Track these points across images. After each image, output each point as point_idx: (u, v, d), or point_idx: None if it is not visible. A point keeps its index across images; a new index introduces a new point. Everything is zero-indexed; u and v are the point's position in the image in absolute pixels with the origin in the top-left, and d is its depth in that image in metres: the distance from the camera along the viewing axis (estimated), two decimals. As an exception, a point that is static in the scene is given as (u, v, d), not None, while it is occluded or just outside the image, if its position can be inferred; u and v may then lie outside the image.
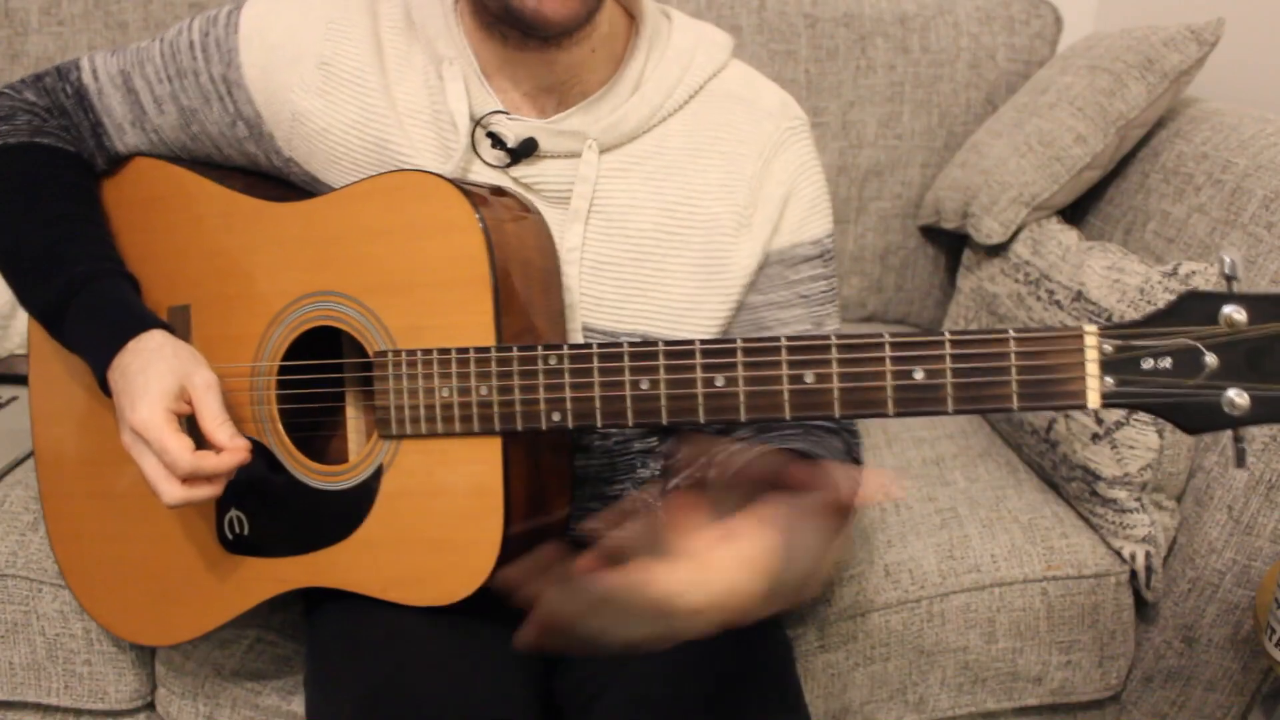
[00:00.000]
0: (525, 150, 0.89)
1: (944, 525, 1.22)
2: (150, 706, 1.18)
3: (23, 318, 1.48)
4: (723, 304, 0.93)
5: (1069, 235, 1.38)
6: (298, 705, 1.08)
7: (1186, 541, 1.20)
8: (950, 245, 1.71)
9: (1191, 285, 1.14)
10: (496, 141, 0.89)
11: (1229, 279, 0.66)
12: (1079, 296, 1.26)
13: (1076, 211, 1.52)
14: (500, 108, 0.89)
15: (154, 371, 0.84)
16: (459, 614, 0.83)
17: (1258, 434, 1.11)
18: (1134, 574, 1.19)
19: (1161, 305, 0.67)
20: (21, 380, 1.44)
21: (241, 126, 0.94)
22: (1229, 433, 0.69)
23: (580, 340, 0.90)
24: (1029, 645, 1.18)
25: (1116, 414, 1.15)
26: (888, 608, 1.16)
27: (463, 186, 0.82)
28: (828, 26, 1.67)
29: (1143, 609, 1.22)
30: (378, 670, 0.82)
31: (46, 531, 1.05)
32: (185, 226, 0.95)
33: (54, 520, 1.04)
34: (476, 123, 0.89)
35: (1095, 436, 1.17)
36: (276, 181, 0.97)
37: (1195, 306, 0.66)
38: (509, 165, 0.90)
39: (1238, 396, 0.65)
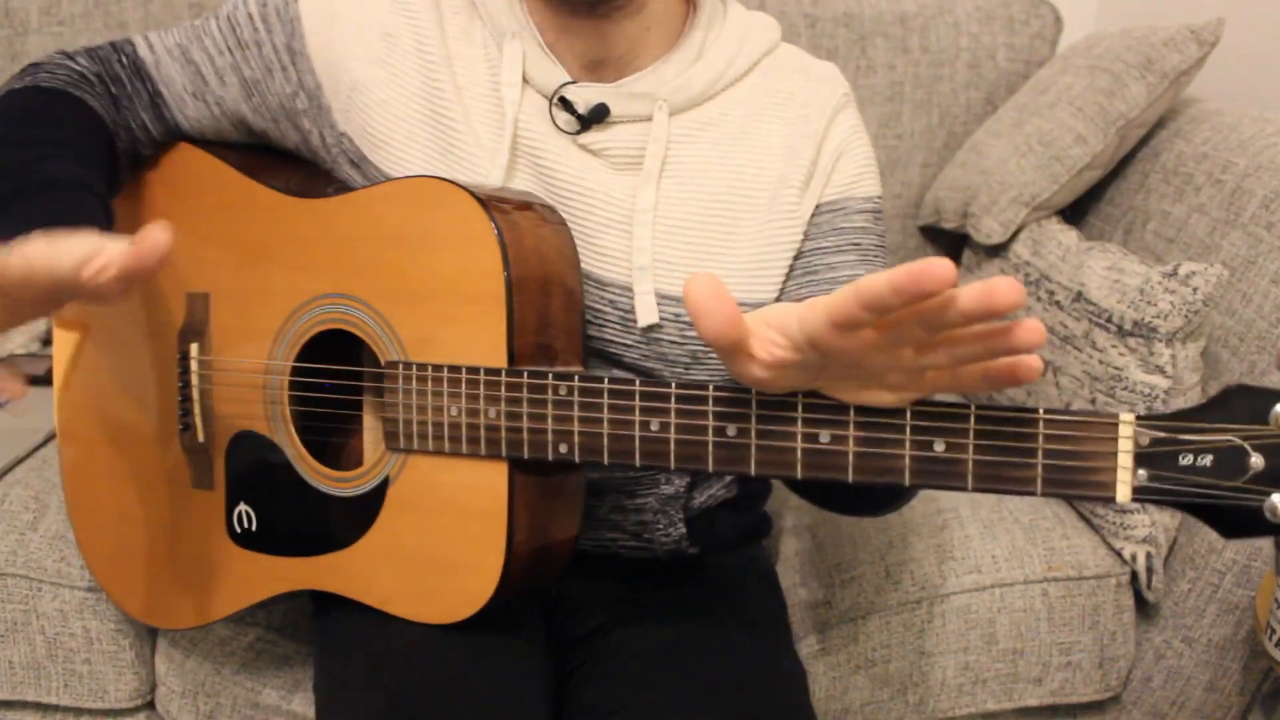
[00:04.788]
0: (597, 116, 0.89)
1: (945, 526, 1.22)
2: (150, 705, 1.18)
3: (22, 317, 1.47)
4: (788, 264, 0.93)
5: (1069, 235, 1.38)
6: (298, 705, 1.08)
7: (1186, 541, 1.20)
8: (950, 245, 1.71)
9: (1191, 285, 1.14)
10: (568, 109, 0.89)
11: None
12: (1079, 297, 1.26)
13: (1076, 211, 1.52)
14: (568, 77, 0.90)
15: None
16: (475, 627, 0.82)
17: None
18: (1135, 575, 1.19)
19: (1206, 398, 0.61)
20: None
21: (302, 98, 0.93)
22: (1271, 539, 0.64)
23: (652, 307, 0.88)
24: (1029, 646, 1.18)
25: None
26: (888, 609, 1.16)
27: (481, 197, 0.80)
28: (828, 26, 1.67)
29: (1143, 609, 1.22)
30: (396, 682, 0.81)
31: (65, 506, 1.05)
32: (207, 213, 0.94)
33: (72, 494, 1.04)
34: (551, 97, 0.90)
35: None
36: (306, 176, 0.96)
37: (1245, 401, 0.60)
38: (579, 132, 0.90)
39: None
